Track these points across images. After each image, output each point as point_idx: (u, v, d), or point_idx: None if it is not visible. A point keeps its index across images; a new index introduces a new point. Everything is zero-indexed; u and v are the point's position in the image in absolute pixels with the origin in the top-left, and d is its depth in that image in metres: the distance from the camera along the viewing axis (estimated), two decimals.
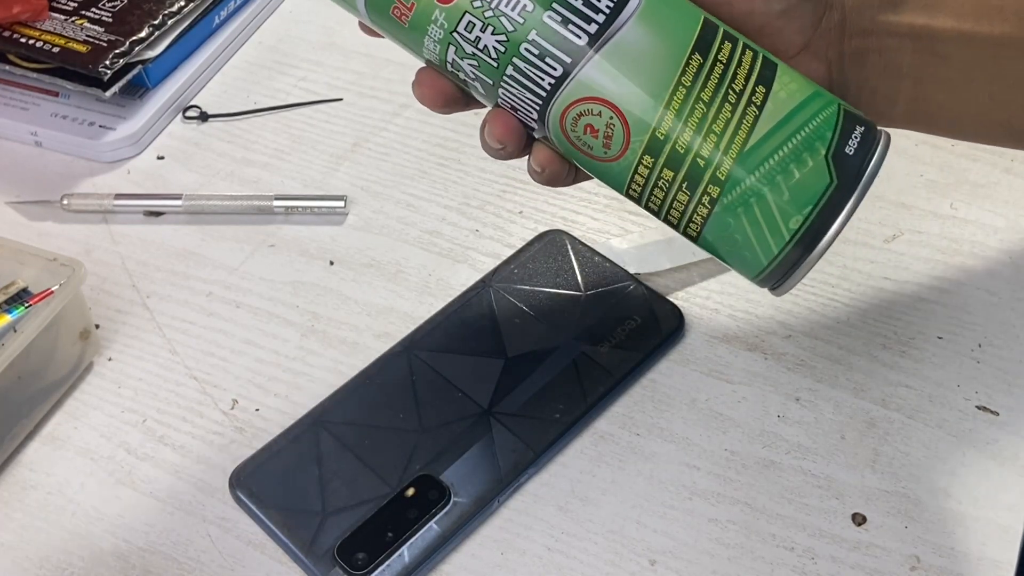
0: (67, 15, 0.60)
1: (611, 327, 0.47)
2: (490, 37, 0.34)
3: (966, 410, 0.44)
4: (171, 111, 0.61)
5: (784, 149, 0.34)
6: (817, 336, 0.47)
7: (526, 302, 0.48)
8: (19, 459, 0.45)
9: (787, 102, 0.34)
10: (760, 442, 0.44)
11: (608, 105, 0.34)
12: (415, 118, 0.60)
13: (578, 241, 0.51)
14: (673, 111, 0.33)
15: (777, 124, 0.34)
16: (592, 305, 0.48)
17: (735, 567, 0.40)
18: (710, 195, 0.34)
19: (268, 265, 0.53)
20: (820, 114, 0.34)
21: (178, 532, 0.43)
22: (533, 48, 0.34)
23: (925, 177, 0.54)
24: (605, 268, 0.50)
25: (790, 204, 0.34)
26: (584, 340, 0.47)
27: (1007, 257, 0.50)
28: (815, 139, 0.34)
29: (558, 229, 0.52)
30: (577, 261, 0.50)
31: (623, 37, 0.33)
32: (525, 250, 0.51)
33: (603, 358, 0.46)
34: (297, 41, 0.66)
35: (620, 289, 0.49)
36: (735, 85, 0.33)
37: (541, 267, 0.50)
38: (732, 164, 0.34)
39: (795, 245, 0.35)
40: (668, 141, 0.34)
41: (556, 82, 0.34)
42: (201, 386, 0.48)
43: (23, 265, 0.47)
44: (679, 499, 0.42)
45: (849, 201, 0.34)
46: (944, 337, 0.47)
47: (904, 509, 0.41)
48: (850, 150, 0.34)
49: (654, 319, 0.48)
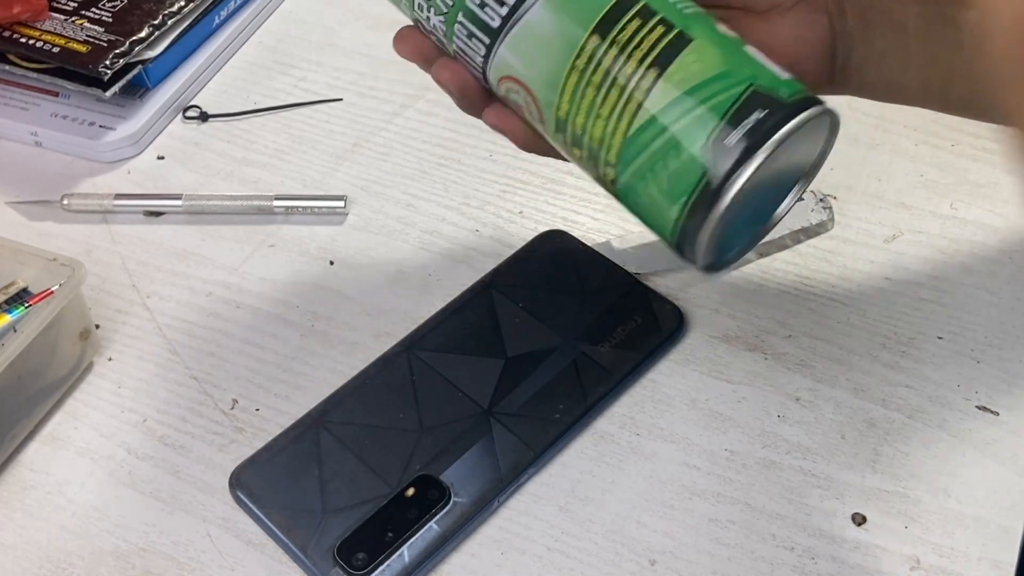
0: (67, 15, 0.61)
1: (611, 327, 0.47)
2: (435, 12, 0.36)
3: (966, 410, 0.44)
4: (171, 111, 0.61)
5: (665, 136, 0.32)
6: (817, 336, 0.47)
7: (526, 302, 0.48)
8: (19, 459, 0.46)
9: (679, 84, 0.32)
10: (760, 442, 0.44)
11: (522, 85, 0.35)
12: (415, 118, 0.60)
13: (578, 241, 0.51)
14: (568, 94, 0.34)
15: (663, 109, 0.32)
16: (592, 305, 0.48)
17: (735, 567, 0.40)
18: (609, 177, 0.34)
19: (268, 265, 0.53)
20: (714, 98, 0.32)
21: (178, 532, 0.43)
22: (462, 28, 0.35)
23: (925, 177, 0.54)
24: (605, 268, 0.50)
25: (667, 195, 0.33)
26: (584, 340, 0.47)
27: (1007, 257, 0.50)
28: (696, 126, 0.32)
29: (558, 229, 0.52)
30: (577, 261, 0.50)
31: (529, 20, 0.34)
32: (525, 250, 0.51)
33: (603, 358, 0.46)
34: (297, 41, 0.66)
35: (620, 289, 0.49)
36: (626, 68, 0.32)
37: (541, 267, 0.50)
38: (619, 149, 0.33)
39: (679, 237, 0.33)
40: (568, 122, 0.34)
41: (483, 59, 0.36)
42: (201, 386, 0.48)
43: (23, 265, 0.47)
44: (679, 499, 0.42)
45: (725, 193, 0.31)
46: (944, 337, 0.47)
47: (904, 509, 0.41)
48: (733, 139, 0.31)
49: (654, 319, 0.48)
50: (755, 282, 0.49)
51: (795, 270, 0.50)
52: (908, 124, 0.56)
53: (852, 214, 0.52)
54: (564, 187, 0.55)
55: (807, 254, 0.50)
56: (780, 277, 0.50)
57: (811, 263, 0.50)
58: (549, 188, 0.55)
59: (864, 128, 0.56)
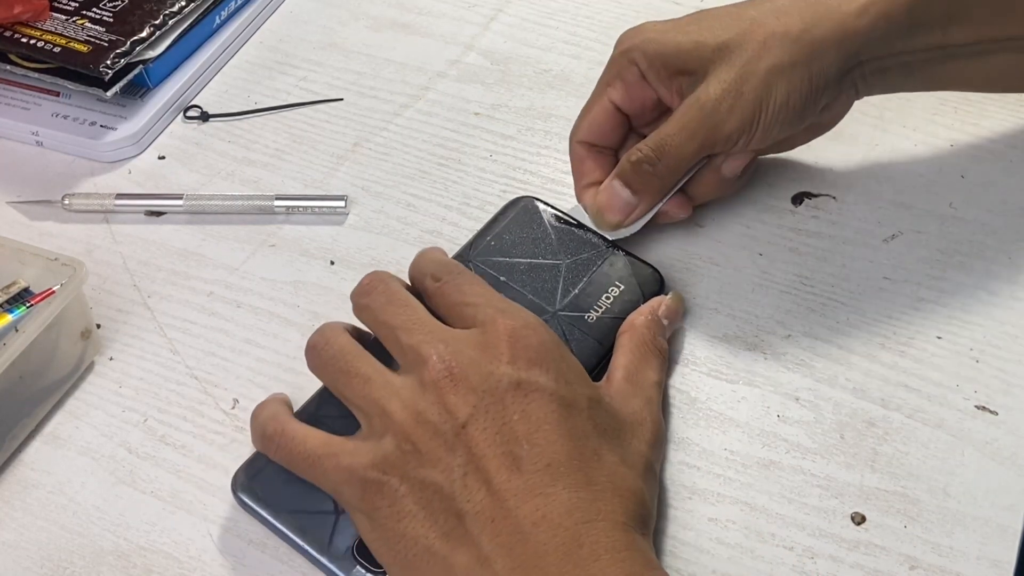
0: (68, 15, 0.61)
1: (596, 295, 0.47)
2: None
3: (965, 409, 0.44)
4: (172, 111, 0.61)
5: None
6: (817, 336, 0.47)
7: (508, 274, 0.48)
8: (20, 458, 0.46)
9: None
10: (760, 442, 0.44)
11: None
12: (415, 118, 0.60)
13: (550, 206, 0.51)
14: None
15: None
16: (574, 274, 0.48)
17: (735, 566, 0.40)
18: None
19: (269, 265, 0.53)
20: None
21: (179, 531, 0.43)
22: None
23: (924, 177, 0.54)
24: (581, 234, 0.50)
25: None
26: (571, 309, 0.47)
27: (1006, 257, 0.50)
28: None
29: (529, 195, 0.52)
30: (553, 228, 0.50)
31: None
32: (498, 219, 0.51)
33: (591, 328, 0.46)
34: (298, 41, 0.66)
35: (600, 255, 0.49)
36: None
37: (518, 236, 0.50)
38: None
39: None
40: None
41: None
42: (202, 385, 0.48)
43: (24, 265, 0.47)
44: (679, 499, 0.42)
45: None
46: (943, 337, 0.47)
47: (903, 509, 0.42)
48: None
49: (636, 284, 0.48)
50: (755, 282, 0.50)
51: (795, 270, 0.50)
52: (907, 124, 0.56)
53: (852, 214, 0.52)
54: (564, 187, 0.55)
55: (807, 254, 0.50)
56: (780, 277, 0.50)
57: (811, 263, 0.50)
58: (549, 188, 0.55)
59: (864, 128, 0.56)
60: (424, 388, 0.37)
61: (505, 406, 0.37)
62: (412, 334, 0.39)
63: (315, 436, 0.40)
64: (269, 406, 0.42)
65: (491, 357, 0.38)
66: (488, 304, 0.40)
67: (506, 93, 0.61)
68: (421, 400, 0.37)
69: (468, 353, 0.38)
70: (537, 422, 0.37)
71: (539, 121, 0.59)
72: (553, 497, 0.35)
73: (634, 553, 0.35)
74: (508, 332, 0.39)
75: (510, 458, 0.36)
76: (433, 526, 0.36)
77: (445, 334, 0.39)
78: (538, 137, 0.58)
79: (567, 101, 0.60)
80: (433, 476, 0.36)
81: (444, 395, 0.37)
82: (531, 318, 0.40)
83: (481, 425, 0.36)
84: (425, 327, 0.40)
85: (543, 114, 0.59)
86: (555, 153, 0.57)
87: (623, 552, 0.35)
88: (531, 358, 0.38)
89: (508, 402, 0.37)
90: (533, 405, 0.37)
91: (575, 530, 0.35)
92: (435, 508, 0.36)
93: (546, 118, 0.59)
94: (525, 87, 0.61)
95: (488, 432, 0.36)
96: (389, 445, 0.37)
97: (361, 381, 0.39)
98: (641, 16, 0.65)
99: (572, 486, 0.36)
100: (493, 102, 0.60)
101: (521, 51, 0.63)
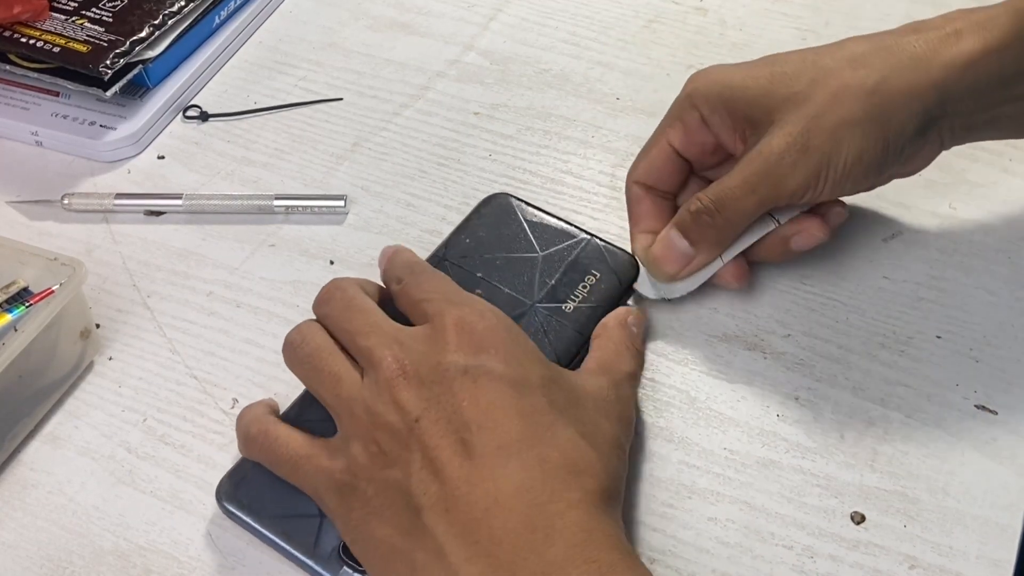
0: (67, 15, 0.61)
1: (572, 285, 0.47)
2: None
3: (965, 409, 0.44)
4: (171, 111, 0.61)
5: None
6: (816, 335, 0.47)
7: (485, 270, 0.48)
8: (20, 458, 0.46)
9: None
10: (759, 441, 0.44)
11: None
12: (415, 118, 0.60)
13: (524, 201, 0.51)
14: None
15: None
16: (551, 265, 0.48)
17: (734, 566, 0.40)
18: None
19: (268, 264, 0.53)
20: None
21: (179, 531, 0.43)
22: None
23: (924, 177, 0.54)
24: (556, 225, 0.50)
25: None
26: (549, 300, 0.47)
27: (1005, 257, 0.50)
28: None
29: (503, 192, 0.52)
30: (527, 222, 0.50)
31: None
32: (473, 217, 0.51)
33: (570, 318, 0.46)
34: (297, 41, 0.66)
35: (575, 245, 0.49)
36: None
37: (493, 233, 0.50)
38: None
39: None
40: None
41: None
42: (201, 385, 0.48)
43: (24, 264, 0.47)
44: (678, 498, 0.42)
45: None
46: (943, 336, 0.47)
47: (903, 508, 0.42)
48: None
49: (612, 272, 0.48)
50: (754, 282, 0.50)
51: (794, 270, 0.50)
52: None
53: (852, 214, 0.52)
54: (564, 187, 0.55)
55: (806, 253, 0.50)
56: (779, 277, 0.50)
57: (810, 263, 0.50)
58: (549, 188, 0.55)
59: None
60: (380, 389, 0.38)
61: (454, 394, 0.37)
62: (368, 337, 0.39)
63: (297, 438, 0.40)
64: (253, 409, 0.43)
65: (439, 348, 0.38)
66: (441, 298, 0.41)
67: (505, 93, 0.61)
68: (379, 402, 0.38)
69: (418, 348, 0.38)
70: (487, 406, 0.37)
71: (539, 121, 0.59)
72: (504, 480, 0.35)
73: (592, 535, 0.34)
74: (455, 321, 0.39)
75: (461, 445, 0.36)
76: (397, 525, 0.36)
77: (400, 334, 0.39)
78: (537, 137, 0.58)
79: (567, 101, 0.60)
80: (394, 475, 0.36)
81: (397, 393, 0.37)
82: (481, 305, 0.40)
83: (433, 417, 0.36)
84: (380, 329, 0.40)
85: (543, 114, 0.59)
86: (555, 153, 0.57)
87: (579, 534, 0.34)
88: (479, 344, 0.38)
89: (456, 390, 0.37)
90: (483, 390, 0.37)
91: (527, 513, 0.34)
92: (398, 507, 0.36)
93: (546, 118, 0.59)
94: (524, 87, 0.61)
95: (439, 423, 0.36)
96: (357, 448, 0.38)
97: (333, 380, 0.40)
98: (641, 16, 0.65)
99: (523, 466, 0.35)
100: (492, 102, 0.60)
101: (520, 51, 0.63)
